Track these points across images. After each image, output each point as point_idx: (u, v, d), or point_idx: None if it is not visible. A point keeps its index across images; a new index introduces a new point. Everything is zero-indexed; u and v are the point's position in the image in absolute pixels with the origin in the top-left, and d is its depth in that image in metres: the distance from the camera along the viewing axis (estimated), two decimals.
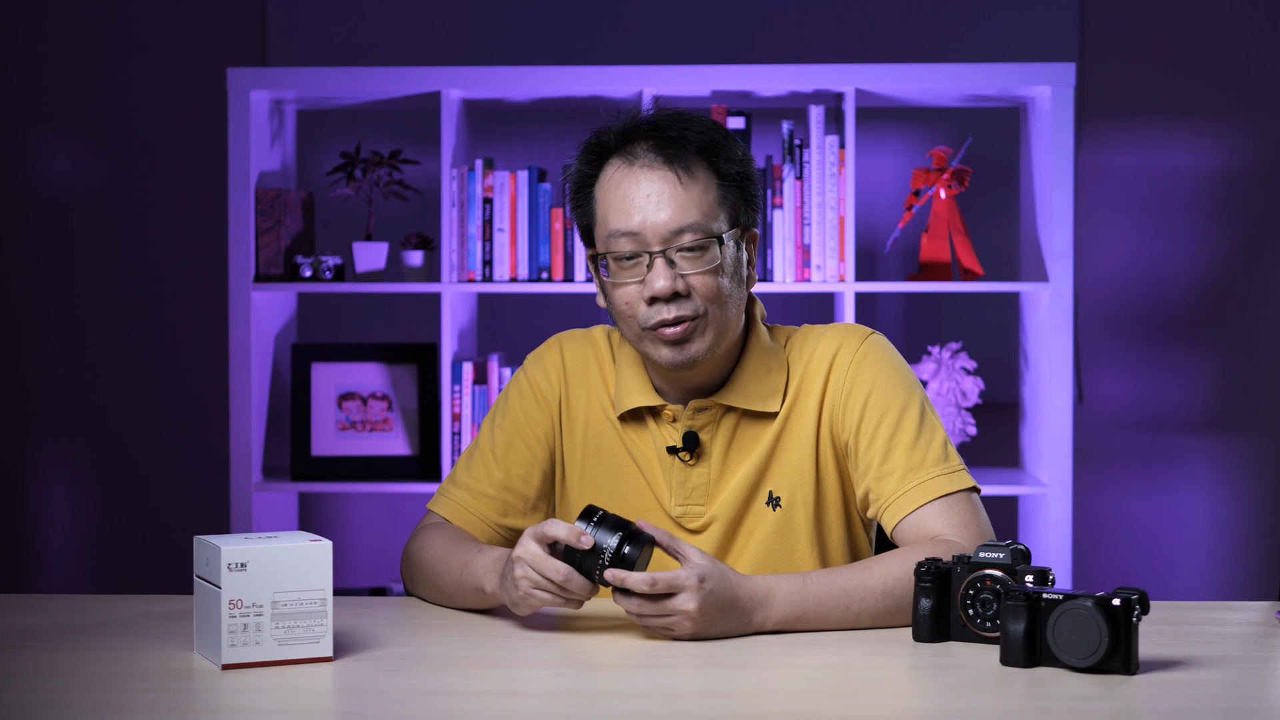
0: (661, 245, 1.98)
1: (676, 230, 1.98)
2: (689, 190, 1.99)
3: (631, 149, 2.02)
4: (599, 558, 1.81)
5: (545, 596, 1.84)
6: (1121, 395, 4.14)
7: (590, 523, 1.82)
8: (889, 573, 1.89)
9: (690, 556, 1.83)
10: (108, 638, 1.86)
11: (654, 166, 2.00)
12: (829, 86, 3.64)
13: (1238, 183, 4.11)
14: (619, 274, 2.01)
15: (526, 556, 1.84)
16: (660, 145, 2.00)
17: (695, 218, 1.99)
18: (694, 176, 2.00)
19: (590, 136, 2.07)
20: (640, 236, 1.98)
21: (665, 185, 1.99)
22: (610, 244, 2.00)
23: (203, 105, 4.13)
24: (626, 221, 1.99)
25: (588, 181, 2.05)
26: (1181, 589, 4.11)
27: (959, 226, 3.68)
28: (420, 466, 3.73)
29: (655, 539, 1.84)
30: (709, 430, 2.08)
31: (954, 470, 2.01)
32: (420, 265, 3.73)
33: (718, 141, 2.02)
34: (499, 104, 3.84)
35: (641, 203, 1.99)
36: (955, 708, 1.60)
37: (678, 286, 1.98)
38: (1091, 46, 4.11)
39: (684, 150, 2.00)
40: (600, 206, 2.03)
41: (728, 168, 2.03)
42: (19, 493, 4.24)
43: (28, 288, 4.22)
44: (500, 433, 2.15)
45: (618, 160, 2.02)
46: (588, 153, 2.06)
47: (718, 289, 2.00)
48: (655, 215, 1.98)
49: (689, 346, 2.00)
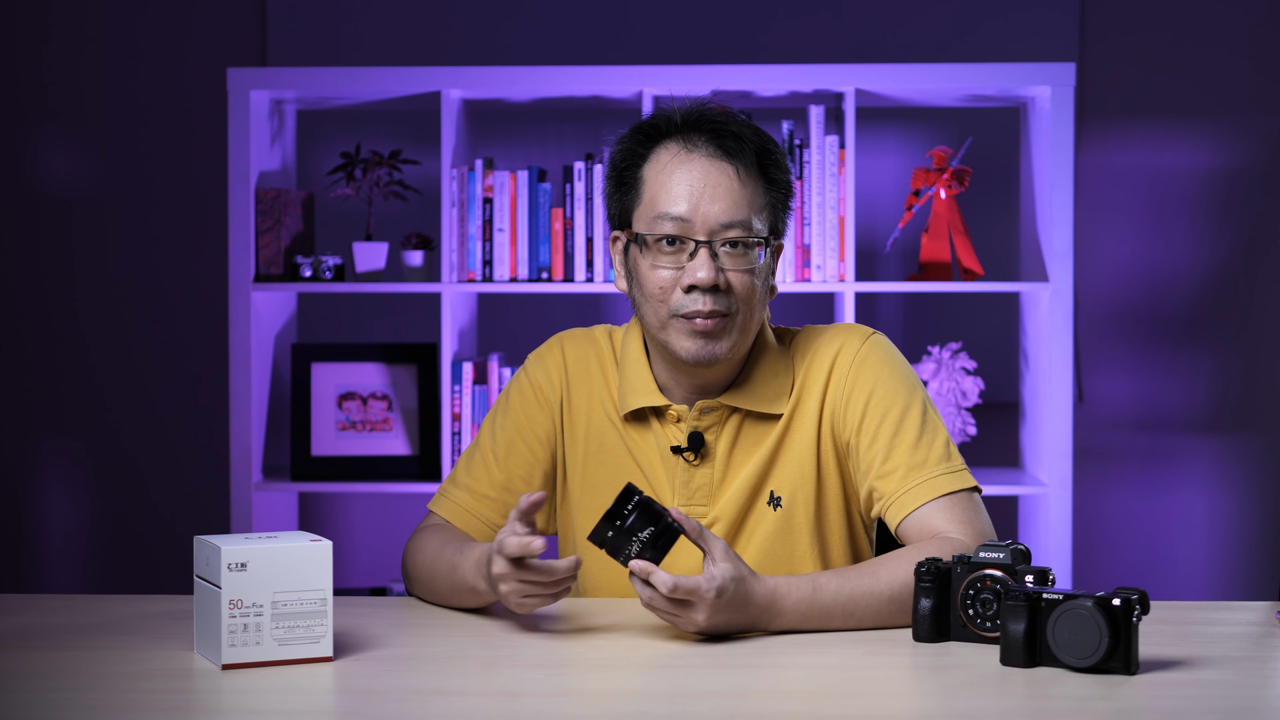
0: (708, 235, 1.98)
1: (727, 224, 1.98)
2: (744, 187, 2.00)
3: (690, 136, 2.02)
4: (630, 544, 1.81)
5: (538, 600, 1.86)
6: (1121, 395, 4.14)
7: (628, 505, 1.81)
8: (895, 577, 1.89)
9: (716, 557, 1.81)
10: (108, 638, 1.86)
11: (715, 158, 2.00)
12: (829, 86, 3.64)
13: (1238, 183, 4.11)
14: (659, 257, 2.00)
15: (505, 574, 1.84)
16: (720, 138, 2.01)
17: (745, 215, 1.99)
18: (750, 175, 2.01)
19: (646, 118, 2.07)
20: (689, 223, 1.98)
21: (724, 178, 1.99)
22: (656, 225, 2.00)
23: (203, 105, 4.13)
24: (677, 206, 1.99)
25: (636, 160, 2.04)
26: (1181, 589, 4.11)
27: (959, 226, 3.68)
28: (420, 466, 3.73)
29: (685, 529, 1.84)
30: (714, 431, 2.08)
31: (956, 469, 2.02)
32: (420, 265, 3.73)
33: (771, 149, 2.04)
34: (499, 104, 3.84)
35: (697, 190, 1.99)
36: (955, 708, 1.60)
37: (718, 280, 1.98)
38: (1091, 46, 4.11)
39: (744, 148, 2.01)
40: (649, 187, 2.02)
41: (778, 175, 2.04)
42: (19, 493, 4.24)
43: (28, 288, 4.22)
44: (501, 433, 2.15)
45: (675, 145, 2.02)
46: (640, 132, 2.05)
47: (752, 289, 2.00)
48: (709, 205, 1.98)
49: (716, 343, 2.00)
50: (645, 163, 2.03)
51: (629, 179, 2.05)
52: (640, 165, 2.04)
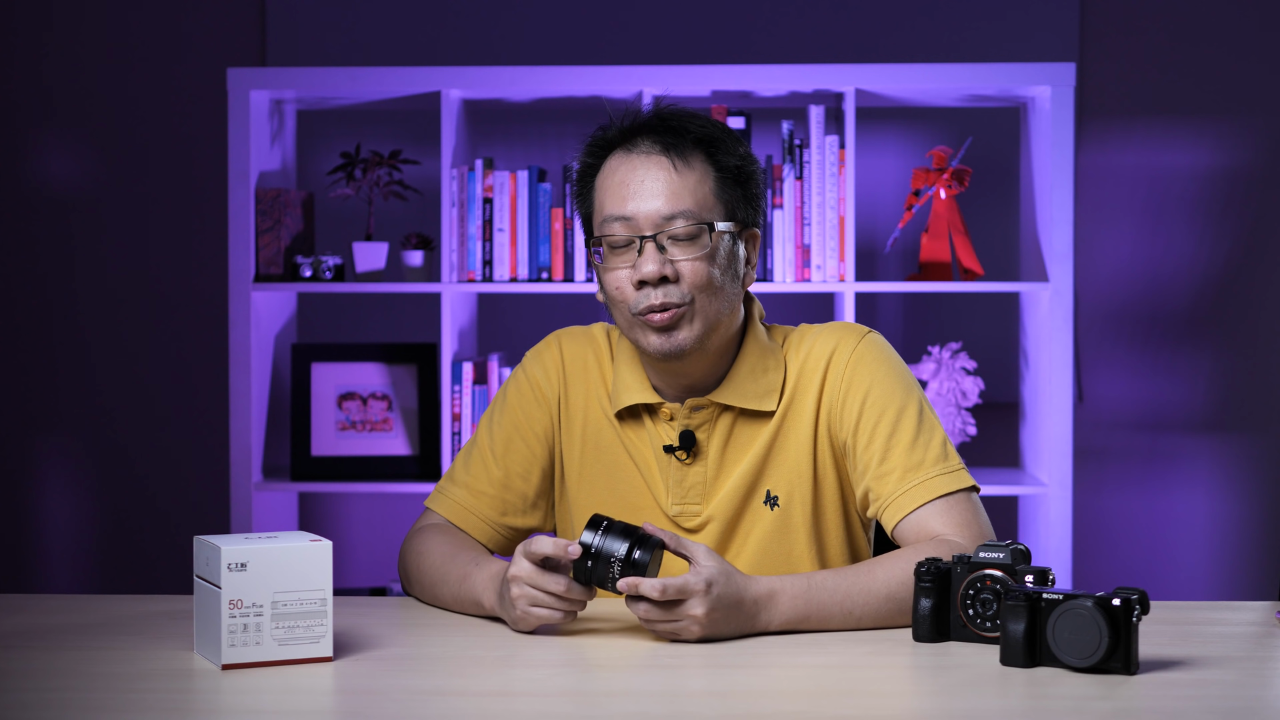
0: (653, 230, 2.00)
1: (668, 216, 1.99)
2: (684, 178, 2.01)
3: (633, 140, 2.04)
4: (610, 566, 1.81)
5: (544, 613, 1.85)
6: (1121, 395, 4.14)
7: (598, 532, 1.82)
8: (892, 576, 1.89)
9: (698, 558, 1.83)
10: (108, 638, 1.86)
11: (651, 154, 2.02)
12: (829, 86, 3.64)
13: (1238, 183, 4.11)
14: (611, 259, 2.02)
15: (523, 575, 1.84)
16: (659, 134, 2.03)
17: (688, 205, 2.00)
18: (690, 165, 2.01)
19: (595, 130, 2.09)
20: (633, 221, 2.00)
21: (660, 172, 2.01)
22: (605, 229, 2.02)
23: (203, 105, 4.13)
24: (621, 207, 2.01)
25: (590, 172, 2.08)
26: (1181, 589, 4.11)
27: (959, 226, 3.68)
28: (420, 466, 3.73)
29: (663, 541, 1.84)
30: (705, 429, 2.08)
31: (954, 469, 2.01)
32: (420, 265, 3.73)
33: (717, 136, 2.05)
34: (499, 104, 3.84)
35: (636, 188, 2.01)
36: (955, 708, 1.60)
37: (665, 271, 1.99)
38: (1091, 46, 4.11)
39: (682, 140, 2.02)
40: (598, 194, 2.05)
41: (726, 160, 2.04)
42: (19, 493, 4.24)
43: (28, 288, 4.22)
44: (499, 430, 2.15)
45: (620, 151, 2.05)
46: (592, 145, 2.09)
47: (707, 277, 2.00)
48: (649, 202, 2.00)
49: (676, 334, 2.00)
50: (597, 173, 2.07)
51: (584, 191, 2.08)
52: (594, 176, 2.07)
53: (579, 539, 1.83)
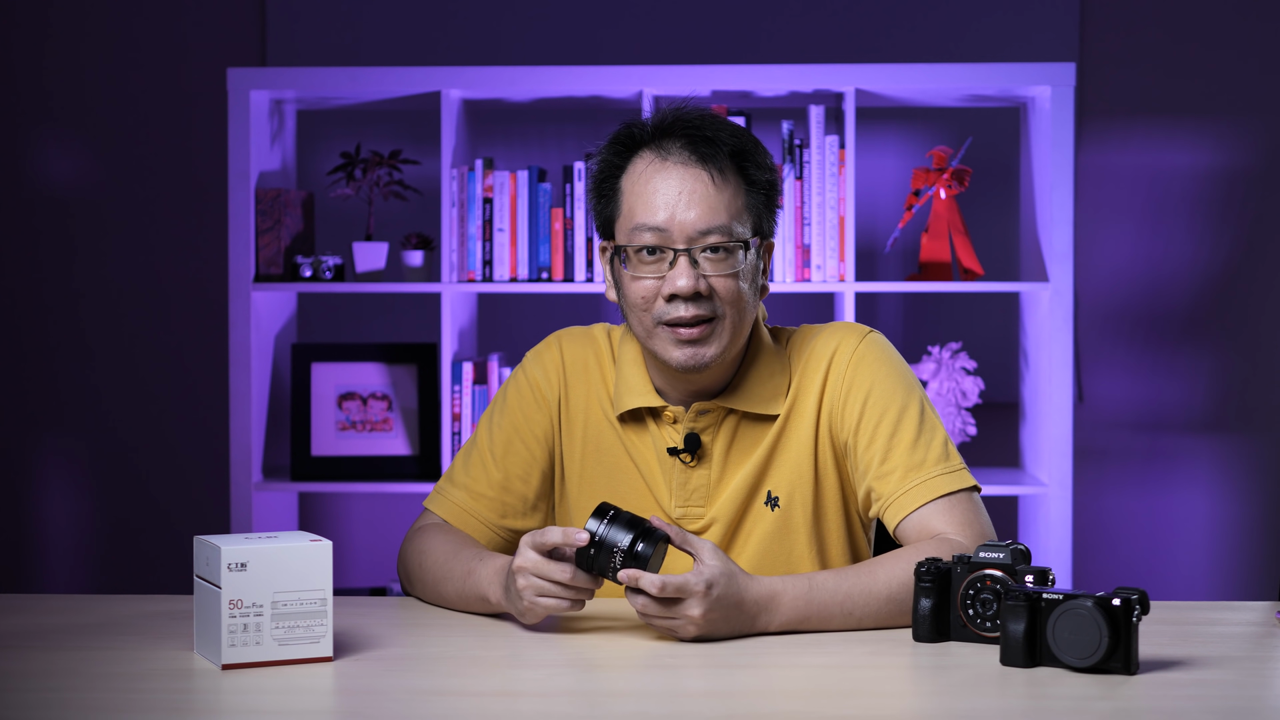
0: (687, 244, 1.97)
1: (704, 231, 1.97)
2: (720, 192, 1.98)
3: (664, 144, 2.00)
4: (612, 556, 1.81)
5: (551, 603, 1.84)
6: (1121, 395, 4.14)
7: (603, 521, 1.82)
8: (893, 577, 1.89)
9: (703, 556, 1.82)
10: (108, 638, 1.86)
11: (687, 164, 1.98)
12: (829, 86, 3.64)
13: (1238, 183, 4.11)
14: (639, 267, 1.99)
15: (528, 565, 1.83)
16: (694, 144, 1.99)
17: (723, 220, 1.98)
18: (726, 179, 1.99)
19: (621, 127, 2.05)
20: (667, 233, 1.97)
21: (698, 184, 1.98)
22: (634, 237, 1.99)
23: (203, 105, 4.13)
24: (654, 216, 1.98)
25: (614, 172, 2.03)
26: (1181, 589, 4.11)
27: (959, 226, 3.68)
28: (420, 466, 3.73)
29: (669, 536, 1.84)
30: (710, 432, 2.08)
31: (955, 469, 2.01)
32: (420, 265, 3.73)
33: (749, 148, 2.02)
34: (499, 104, 3.84)
35: (672, 199, 1.98)
36: (955, 708, 1.60)
37: (699, 287, 1.97)
38: (1091, 46, 4.11)
39: (718, 151, 1.99)
40: (627, 198, 2.01)
41: (757, 175, 2.02)
42: (19, 493, 4.24)
43: (28, 287, 4.22)
44: (499, 432, 2.14)
45: (649, 154, 2.01)
46: (617, 143, 2.04)
47: (738, 293, 1.99)
48: (685, 213, 1.97)
49: (704, 349, 1.99)
50: (623, 174, 2.03)
51: (608, 190, 2.04)
52: (618, 176, 2.03)
53: (585, 525, 1.83)
